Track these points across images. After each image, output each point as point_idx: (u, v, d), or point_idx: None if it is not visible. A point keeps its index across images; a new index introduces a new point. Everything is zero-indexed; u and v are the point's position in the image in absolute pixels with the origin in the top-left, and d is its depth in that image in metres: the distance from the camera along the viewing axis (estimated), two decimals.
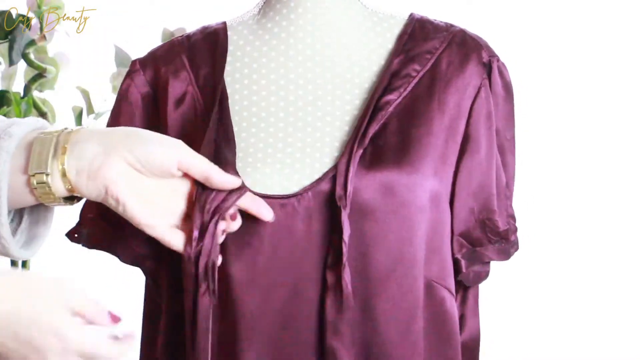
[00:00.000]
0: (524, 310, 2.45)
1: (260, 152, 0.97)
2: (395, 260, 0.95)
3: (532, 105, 2.41)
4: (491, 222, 1.02)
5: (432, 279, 0.98)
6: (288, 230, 0.94)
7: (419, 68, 1.01)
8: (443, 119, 0.99)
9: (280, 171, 0.96)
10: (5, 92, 1.89)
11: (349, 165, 0.93)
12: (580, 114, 2.49)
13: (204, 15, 1.29)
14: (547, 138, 2.48)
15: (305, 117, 0.99)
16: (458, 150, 1.00)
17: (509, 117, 1.05)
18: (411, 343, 0.96)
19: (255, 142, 0.98)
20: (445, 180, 0.99)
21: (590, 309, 2.46)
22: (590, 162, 2.49)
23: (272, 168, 0.96)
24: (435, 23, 1.05)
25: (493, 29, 2.03)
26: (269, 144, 0.98)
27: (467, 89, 1.01)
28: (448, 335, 1.00)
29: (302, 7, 1.02)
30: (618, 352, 2.45)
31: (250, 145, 0.98)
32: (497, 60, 1.04)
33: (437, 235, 0.99)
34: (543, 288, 2.46)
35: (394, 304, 0.96)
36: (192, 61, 1.04)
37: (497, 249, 1.03)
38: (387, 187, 0.95)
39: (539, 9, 2.46)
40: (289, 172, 0.96)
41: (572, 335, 2.45)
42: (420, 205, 0.96)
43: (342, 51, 1.02)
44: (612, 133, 2.49)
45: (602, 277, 2.47)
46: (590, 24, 2.46)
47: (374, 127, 0.96)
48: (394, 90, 0.99)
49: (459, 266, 1.02)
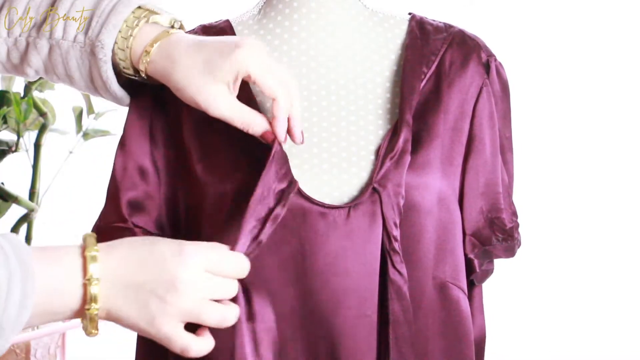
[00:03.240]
0: (523, 307, 2.45)
1: (296, 149, 0.97)
2: None
3: (533, 105, 2.41)
4: (499, 220, 1.03)
5: (446, 280, 0.99)
6: (327, 242, 0.94)
7: (426, 70, 1.01)
8: (447, 120, 1.00)
9: (318, 176, 0.96)
10: (5, 92, 1.90)
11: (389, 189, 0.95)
12: (581, 113, 2.49)
13: (204, 15, 1.29)
14: (547, 138, 2.49)
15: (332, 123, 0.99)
16: (464, 150, 1.01)
17: (507, 116, 1.06)
18: (418, 341, 0.97)
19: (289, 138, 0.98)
20: (453, 181, 1.00)
21: (590, 307, 2.47)
22: (590, 160, 2.49)
23: (310, 168, 0.96)
24: (435, 24, 1.06)
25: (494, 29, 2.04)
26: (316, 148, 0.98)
27: (469, 89, 1.02)
28: (464, 335, 1.00)
29: (305, 7, 1.02)
30: (618, 350, 2.45)
31: (292, 145, 0.97)
32: (495, 59, 1.04)
33: (448, 236, 0.99)
34: (541, 286, 2.46)
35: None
36: None
37: (504, 247, 1.04)
38: None
39: (539, 9, 2.46)
40: (325, 179, 0.96)
41: (572, 333, 2.45)
42: (428, 208, 0.96)
43: (345, 52, 1.02)
44: (609, 131, 2.49)
45: (601, 274, 2.47)
46: (590, 24, 2.47)
47: (402, 139, 0.96)
48: (412, 99, 0.99)
49: (473, 266, 1.03)
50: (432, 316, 0.98)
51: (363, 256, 0.94)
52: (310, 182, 0.96)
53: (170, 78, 0.93)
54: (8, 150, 1.95)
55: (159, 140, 1.01)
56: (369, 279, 0.94)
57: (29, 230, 1.98)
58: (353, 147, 0.98)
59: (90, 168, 2.18)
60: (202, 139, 0.99)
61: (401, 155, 0.95)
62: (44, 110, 1.94)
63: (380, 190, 0.94)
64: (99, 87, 0.98)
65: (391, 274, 0.94)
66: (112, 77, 0.96)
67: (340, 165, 0.97)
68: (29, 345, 1.87)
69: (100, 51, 0.95)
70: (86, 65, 0.97)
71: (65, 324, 1.89)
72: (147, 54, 0.94)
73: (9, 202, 1.90)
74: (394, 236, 0.94)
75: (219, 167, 0.97)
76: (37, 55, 0.98)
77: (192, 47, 0.93)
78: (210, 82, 0.91)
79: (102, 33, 0.94)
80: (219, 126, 0.96)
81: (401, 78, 1.00)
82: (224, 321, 0.86)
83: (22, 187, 1.96)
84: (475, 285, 1.06)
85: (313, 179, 0.96)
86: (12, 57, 0.99)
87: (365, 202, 0.94)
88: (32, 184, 1.97)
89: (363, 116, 0.99)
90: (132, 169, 1.00)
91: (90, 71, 0.97)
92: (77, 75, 0.98)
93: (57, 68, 0.98)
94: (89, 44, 0.95)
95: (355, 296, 0.93)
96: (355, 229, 0.94)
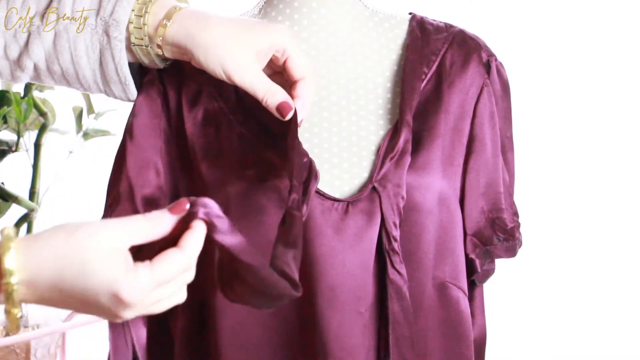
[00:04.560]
0: (524, 307, 2.45)
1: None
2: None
3: (533, 104, 2.41)
4: (500, 220, 1.03)
5: (445, 280, 0.99)
6: (324, 236, 0.94)
7: (427, 70, 1.01)
8: (448, 120, 1.00)
9: (328, 181, 0.96)
10: (5, 92, 1.89)
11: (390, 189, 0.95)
12: (581, 113, 2.49)
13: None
14: (548, 137, 2.49)
15: (333, 123, 0.99)
16: (464, 151, 1.01)
17: (507, 116, 1.06)
18: (418, 341, 0.97)
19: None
20: (454, 182, 1.00)
21: (591, 307, 2.46)
22: (590, 160, 2.49)
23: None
24: (435, 24, 1.06)
25: (494, 29, 2.04)
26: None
27: (470, 89, 1.02)
28: (463, 335, 1.00)
29: (306, 7, 1.02)
30: (618, 350, 2.45)
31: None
32: (495, 59, 1.04)
33: (449, 236, 0.99)
34: (542, 286, 2.46)
35: None
36: None
37: (505, 247, 1.04)
38: None
39: (539, 9, 2.46)
40: (326, 178, 0.96)
41: (573, 333, 2.45)
42: (429, 208, 0.96)
43: (346, 52, 1.02)
44: (610, 131, 2.49)
45: (601, 274, 2.47)
46: (590, 24, 2.46)
47: (403, 140, 0.96)
48: (413, 100, 0.99)
49: (474, 266, 1.03)
50: (432, 316, 0.98)
51: (359, 253, 0.94)
52: None
53: (194, 40, 0.92)
54: (8, 150, 1.95)
55: (164, 135, 1.01)
56: (364, 276, 0.94)
57: (29, 230, 1.98)
58: (354, 147, 0.98)
59: (90, 168, 2.18)
60: (206, 137, 0.98)
61: (401, 155, 0.95)
62: (44, 110, 1.94)
63: (380, 190, 0.94)
64: (108, 73, 0.96)
65: (391, 274, 0.94)
66: (125, 59, 0.95)
67: (341, 165, 0.97)
68: (29, 345, 1.87)
69: (115, 29, 0.93)
70: (96, 49, 0.95)
71: (66, 324, 1.89)
72: (168, 19, 0.93)
73: (9, 202, 1.90)
74: (393, 236, 0.94)
75: (224, 165, 0.97)
76: (40, 44, 0.95)
77: (219, 17, 0.93)
78: (240, 49, 0.91)
79: (115, 12, 0.93)
80: (222, 124, 0.96)
81: (402, 78, 1.00)
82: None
83: (22, 187, 1.96)
84: (476, 286, 1.06)
85: None
86: (10, 52, 0.97)
87: (364, 199, 0.94)
88: (32, 183, 1.97)
89: (364, 116, 0.99)
90: (145, 166, 0.99)
91: (100, 56, 0.95)
92: (83, 62, 0.95)
93: (62, 55, 0.95)
94: (101, 24, 0.93)
95: (348, 292, 0.93)
96: (352, 225, 0.94)
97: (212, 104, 0.99)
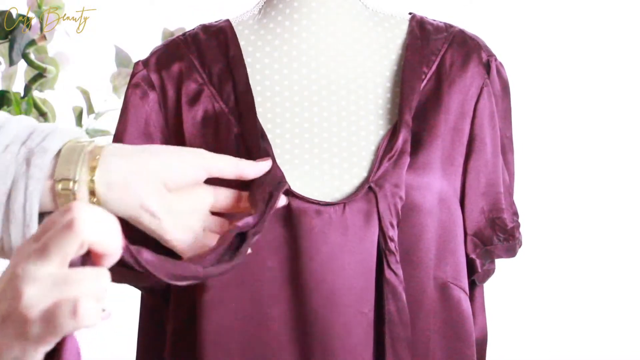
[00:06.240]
0: (525, 307, 2.45)
1: (297, 150, 0.97)
2: (402, 261, 0.96)
3: (533, 104, 2.41)
4: (500, 220, 1.03)
5: (447, 280, 0.99)
6: (323, 239, 0.94)
7: (427, 70, 1.01)
8: (448, 120, 1.00)
9: (319, 177, 0.96)
10: (5, 92, 1.89)
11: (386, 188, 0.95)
12: (581, 113, 2.49)
13: (204, 15, 1.29)
14: (548, 138, 2.49)
15: (333, 123, 0.99)
16: (464, 151, 1.01)
17: (507, 116, 1.06)
18: (419, 342, 0.97)
19: (290, 138, 0.98)
20: (454, 182, 1.00)
21: (591, 307, 2.46)
22: (590, 160, 2.49)
23: (310, 169, 0.96)
24: (435, 24, 1.06)
25: (494, 28, 2.03)
26: (305, 145, 0.97)
27: (470, 89, 1.02)
28: (465, 335, 1.00)
29: (306, 6, 1.02)
30: (618, 350, 2.45)
31: (286, 141, 0.97)
32: (495, 59, 1.05)
33: (449, 236, 0.99)
34: (543, 286, 2.46)
35: None
36: (203, 60, 1.01)
37: (505, 247, 1.04)
38: None
39: (539, 9, 2.46)
40: (326, 178, 0.96)
41: (573, 333, 2.45)
42: (429, 208, 0.96)
43: (346, 52, 1.02)
44: (610, 131, 2.49)
45: (602, 274, 2.47)
46: (590, 24, 2.46)
47: (401, 140, 0.96)
48: (412, 100, 0.99)
49: (475, 266, 1.03)
50: (433, 316, 0.98)
51: (359, 253, 0.94)
52: (310, 182, 0.96)
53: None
54: None
55: (157, 138, 1.01)
56: (365, 276, 0.94)
57: None
58: (354, 147, 0.98)
59: None
60: (204, 138, 0.98)
61: (400, 155, 0.95)
62: (44, 110, 1.94)
63: (376, 190, 0.94)
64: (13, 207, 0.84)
65: (387, 275, 0.94)
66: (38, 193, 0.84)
67: (341, 165, 0.97)
68: None
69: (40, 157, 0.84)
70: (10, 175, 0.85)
71: None
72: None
73: None
74: (389, 236, 0.94)
75: None
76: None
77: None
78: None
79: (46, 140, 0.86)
80: (221, 125, 0.96)
81: (401, 78, 1.00)
82: None
83: None
84: (476, 285, 1.06)
85: (314, 179, 0.96)
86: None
87: (360, 199, 0.94)
88: None
89: (364, 116, 0.99)
90: None
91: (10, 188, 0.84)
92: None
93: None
94: (24, 152, 0.85)
95: (351, 293, 0.93)
96: (350, 226, 0.94)
97: (212, 105, 0.99)
